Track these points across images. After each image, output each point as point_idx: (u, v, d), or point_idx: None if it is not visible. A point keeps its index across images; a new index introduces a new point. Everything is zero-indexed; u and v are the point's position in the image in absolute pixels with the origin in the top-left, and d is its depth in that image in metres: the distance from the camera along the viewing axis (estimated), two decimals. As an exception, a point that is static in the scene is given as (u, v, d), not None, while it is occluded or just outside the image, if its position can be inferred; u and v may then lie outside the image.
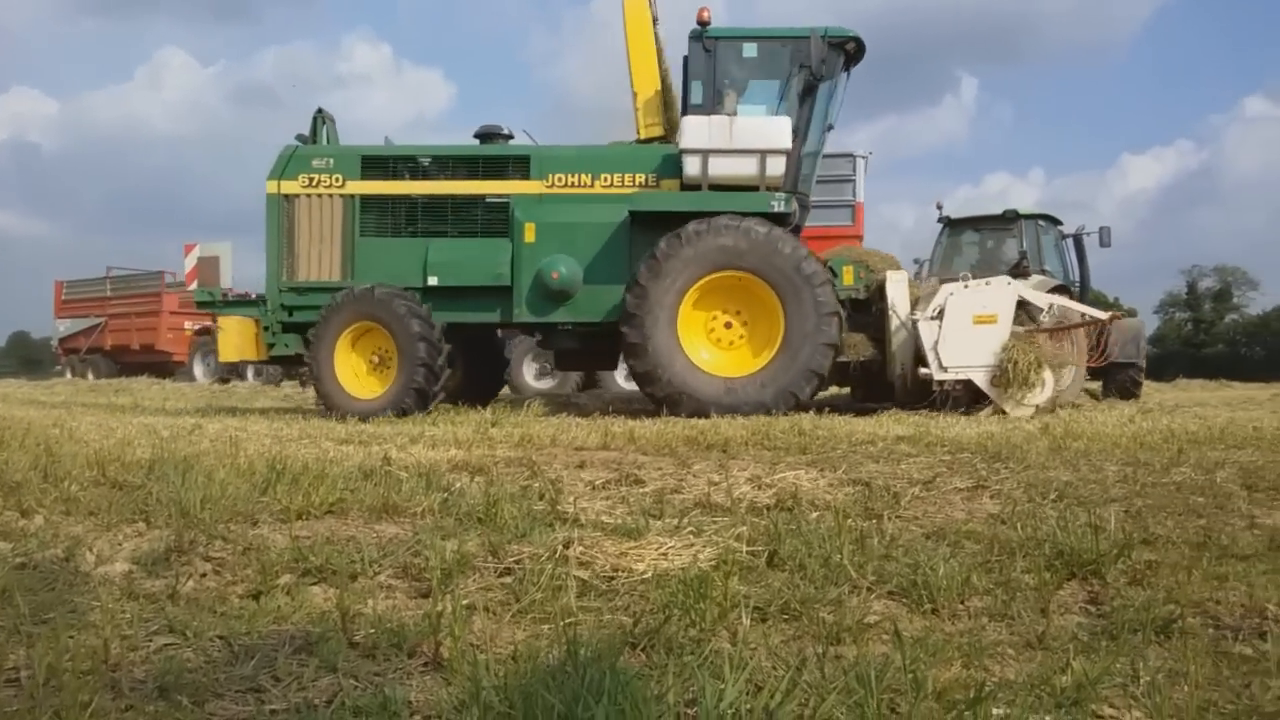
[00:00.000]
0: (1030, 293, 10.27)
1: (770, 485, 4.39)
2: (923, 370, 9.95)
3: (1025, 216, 14.33)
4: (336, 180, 10.70)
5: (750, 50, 10.41)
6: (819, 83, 10.25)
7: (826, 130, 10.76)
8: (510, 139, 11.19)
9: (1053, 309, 10.26)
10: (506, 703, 1.80)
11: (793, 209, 10.09)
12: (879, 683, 1.87)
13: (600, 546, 3.06)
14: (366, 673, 2.10)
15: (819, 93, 10.36)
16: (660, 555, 3.01)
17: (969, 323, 9.79)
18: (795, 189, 10.37)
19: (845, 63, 10.55)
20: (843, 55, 10.44)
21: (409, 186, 10.81)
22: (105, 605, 2.53)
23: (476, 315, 10.62)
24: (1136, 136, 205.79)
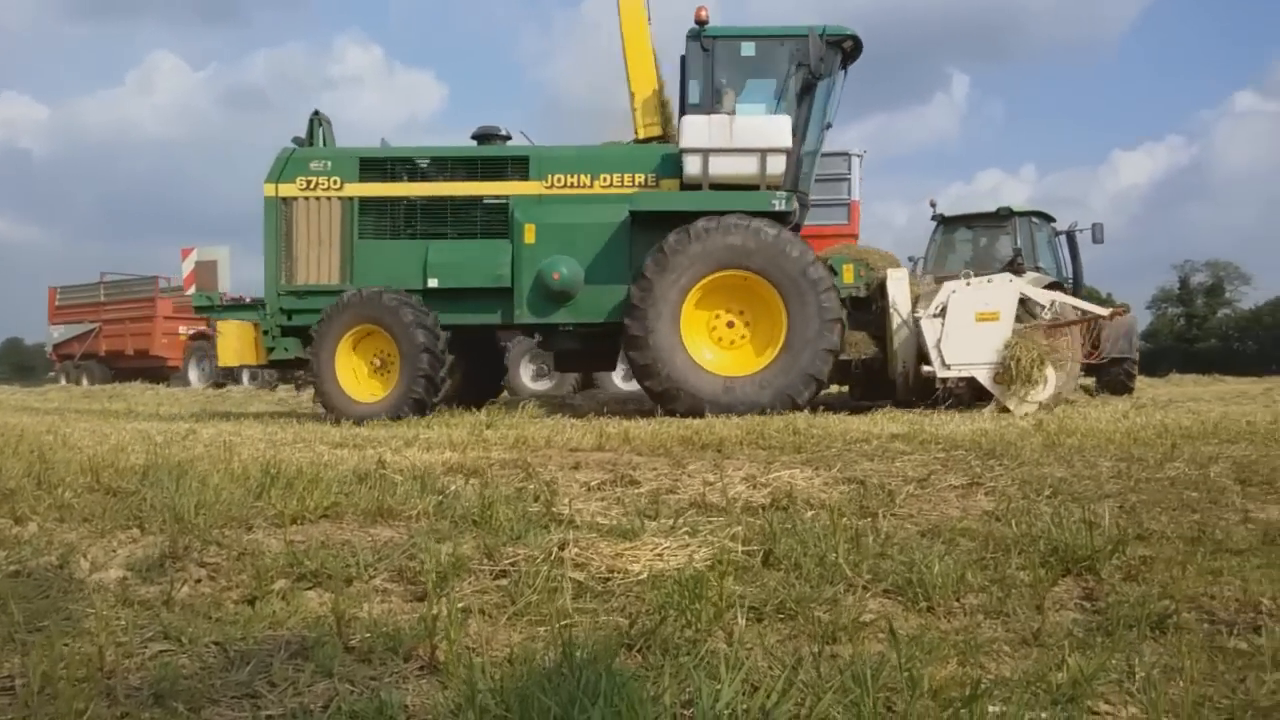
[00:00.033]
0: (1032, 289, 10.29)
1: (765, 484, 4.39)
2: (926, 368, 9.96)
3: (1019, 214, 14.36)
4: (334, 183, 10.64)
5: (748, 49, 10.40)
6: (817, 81, 10.25)
7: (825, 128, 10.76)
8: (508, 140, 11.16)
9: (1054, 305, 10.28)
10: (502, 705, 1.80)
11: (794, 208, 10.10)
12: (875, 681, 1.87)
13: (596, 548, 3.06)
14: (362, 677, 2.10)
15: (817, 91, 10.36)
16: (656, 556, 3.01)
17: (971, 320, 9.81)
18: (796, 187, 10.37)
19: (842, 61, 10.55)
20: (840, 53, 10.44)
21: (408, 188, 10.76)
22: (100, 612, 2.53)
23: (477, 317, 10.59)
24: (1127, 132, 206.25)
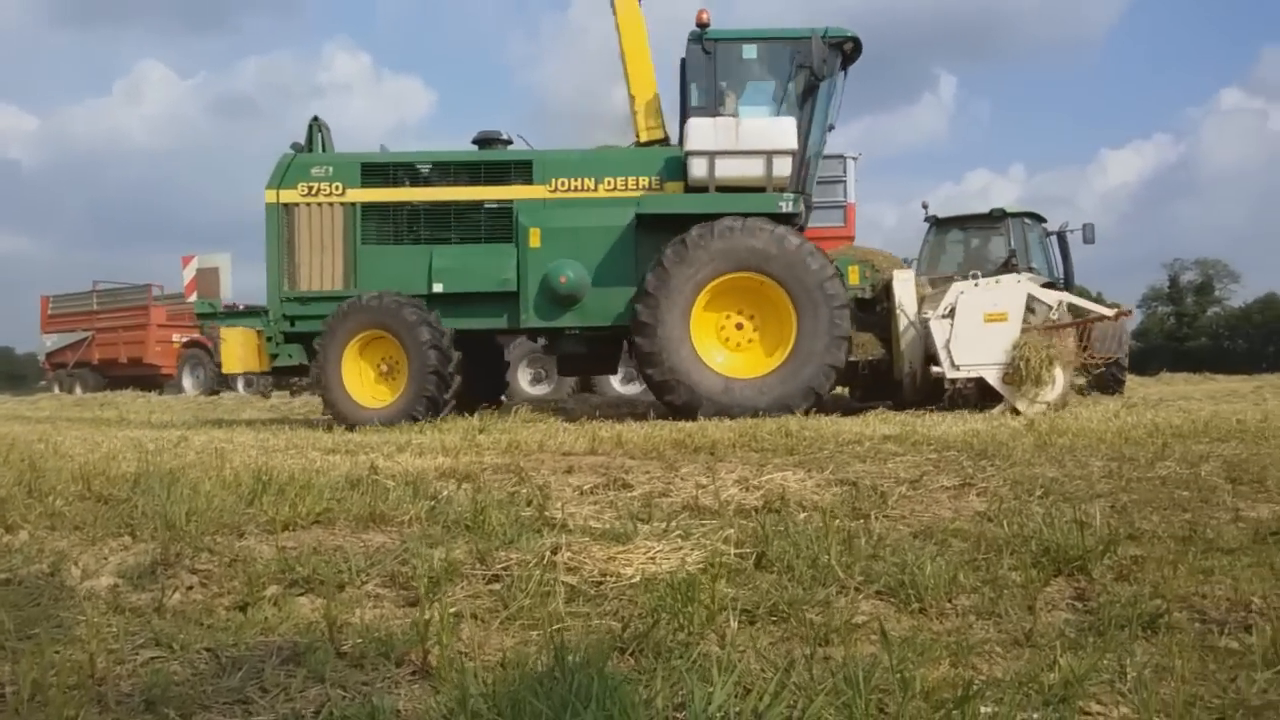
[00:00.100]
0: (1039, 290, 10.32)
1: (758, 487, 4.40)
2: (935, 369, 9.96)
3: (1012, 215, 14.40)
4: (336, 188, 10.59)
5: (750, 51, 10.39)
6: (819, 83, 10.26)
7: (828, 130, 10.74)
8: (509, 144, 11.11)
9: (1061, 306, 10.31)
10: (494, 710, 1.80)
11: (800, 209, 10.12)
12: (867, 683, 1.88)
13: (588, 551, 3.06)
14: (354, 682, 2.10)
15: (819, 93, 10.36)
16: (648, 559, 3.01)
17: (980, 321, 9.84)
18: (801, 189, 10.37)
19: (843, 62, 10.54)
20: (840, 55, 10.44)
21: (410, 193, 10.72)
22: (91, 619, 2.52)
23: (483, 321, 10.55)
24: (1115, 131, 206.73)
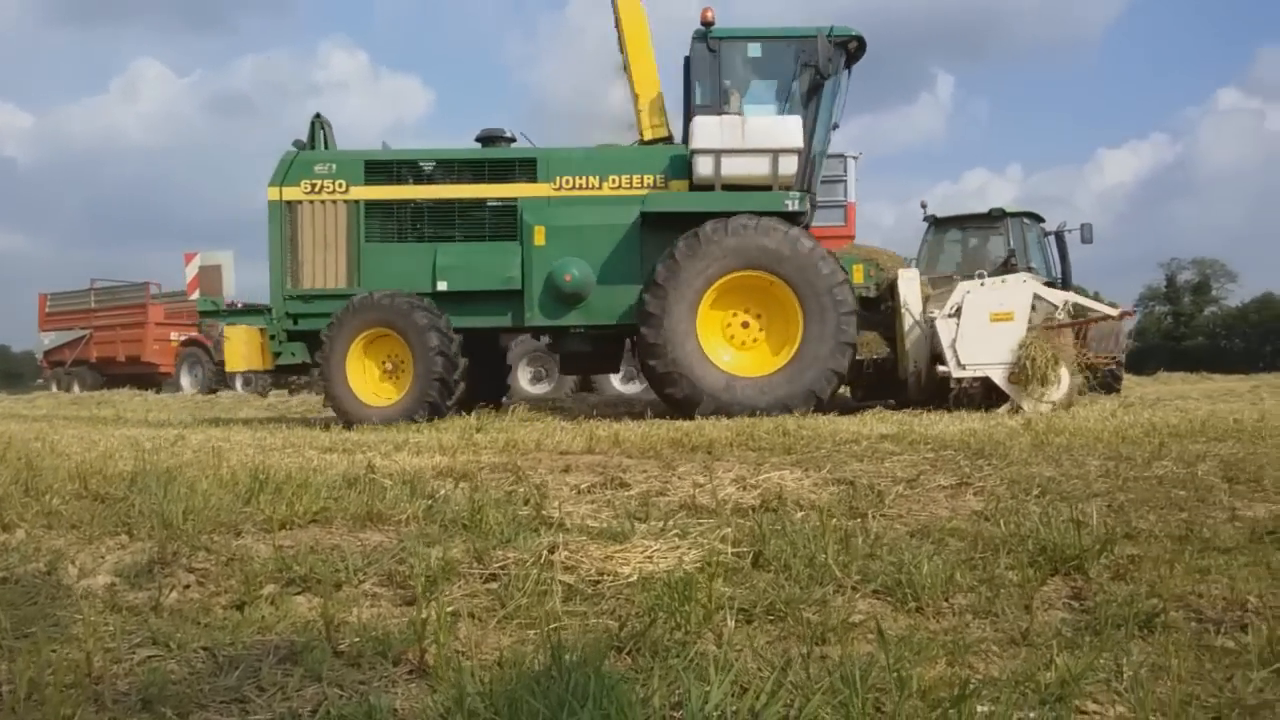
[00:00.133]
0: (1046, 290, 10.32)
1: (755, 486, 4.40)
2: (941, 368, 9.96)
3: (1011, 214, 14.41)
4: (340, 186, 10.53)
5: (755, 50, 10.39)
6: (824, 81, 10.24)
7: (832, 129, 10.72)
8: (513, 142, 11.07)
9: (1067, 305, 10.32)
10: (491, 709, 1.80)
11: (807, 208, 10.12)
12: (864, 682, 1.88)
13: (585, 550, 3.06)
14: (351, 681, 2.10)
15: (824, 91, 10.34)
16: (645, 558, 3.01)
17: (986, 320, 9.83)
18: (807, 188, 10.36)
19: (847, 61, 10.52)
20: (845, 54, 10.41)
21: (414, 191, 10.67)
22: (88, 618, 2.52)
23: (487, 320, 10.53)
24: (1112, 130, 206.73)
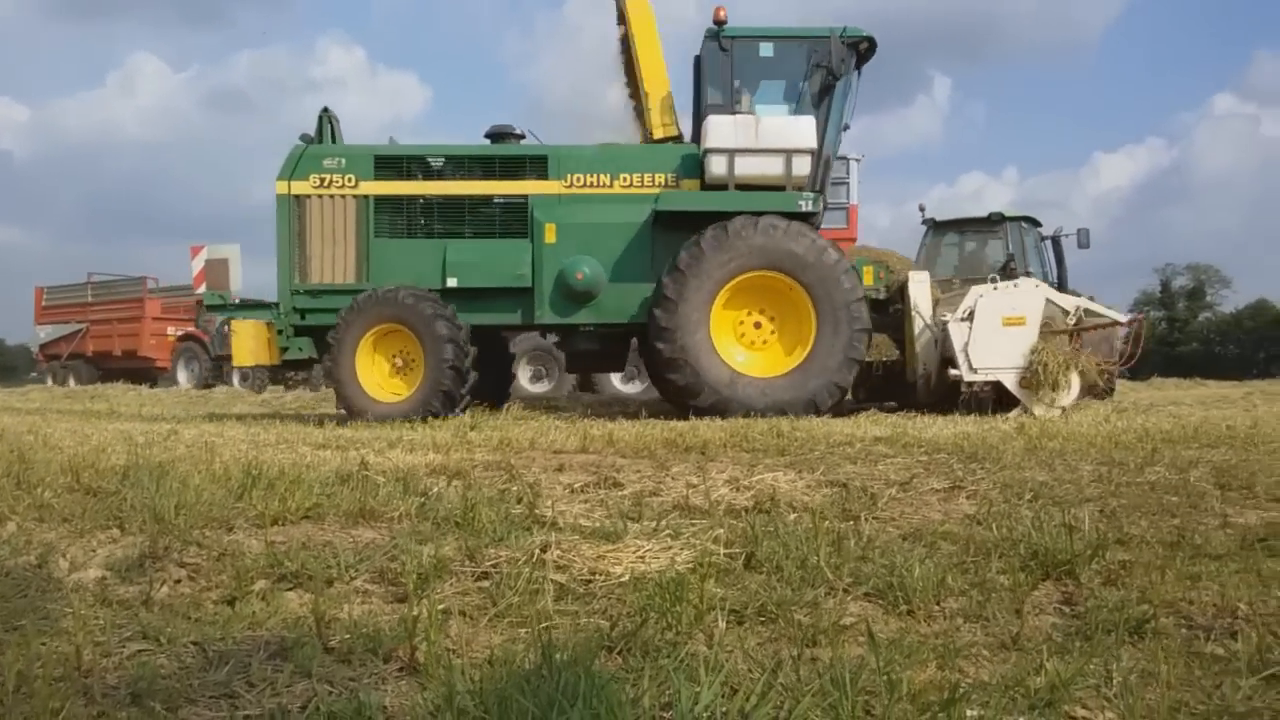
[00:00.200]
0: (1058, 295, 10.34)
1: (748, 487, 4.40)
2: (952, 371, 9.97)
3: (1010, 219, 14.45)
4: (349, 180, 10.47)
5: (767, 49, 10.37)
6: (836, 82, 10.26)
7: (843, 130, 10.72)
8: (522, 139, 11.03)
9: (1079, 311, 10.34)
10: (481, 707, 1.80)
11: (820, 209, 10.13)
12: (854, 685, 1.88)
13: (578, 550, 3.06)
14: (341, 678, 2.09)
15: (835, 92, 10.35)
16: (638, 558, 3.01)
17: (998, 325, 9.85)
18: (820, 188, 10.36)
19: (857, 62, 10.53)
20: (855, 55, 10.42)
21: (424, 187, 10.60)
22: (78, 612, 2.51)
23: (496, 317, 10.51)
24: (1108, 134, 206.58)
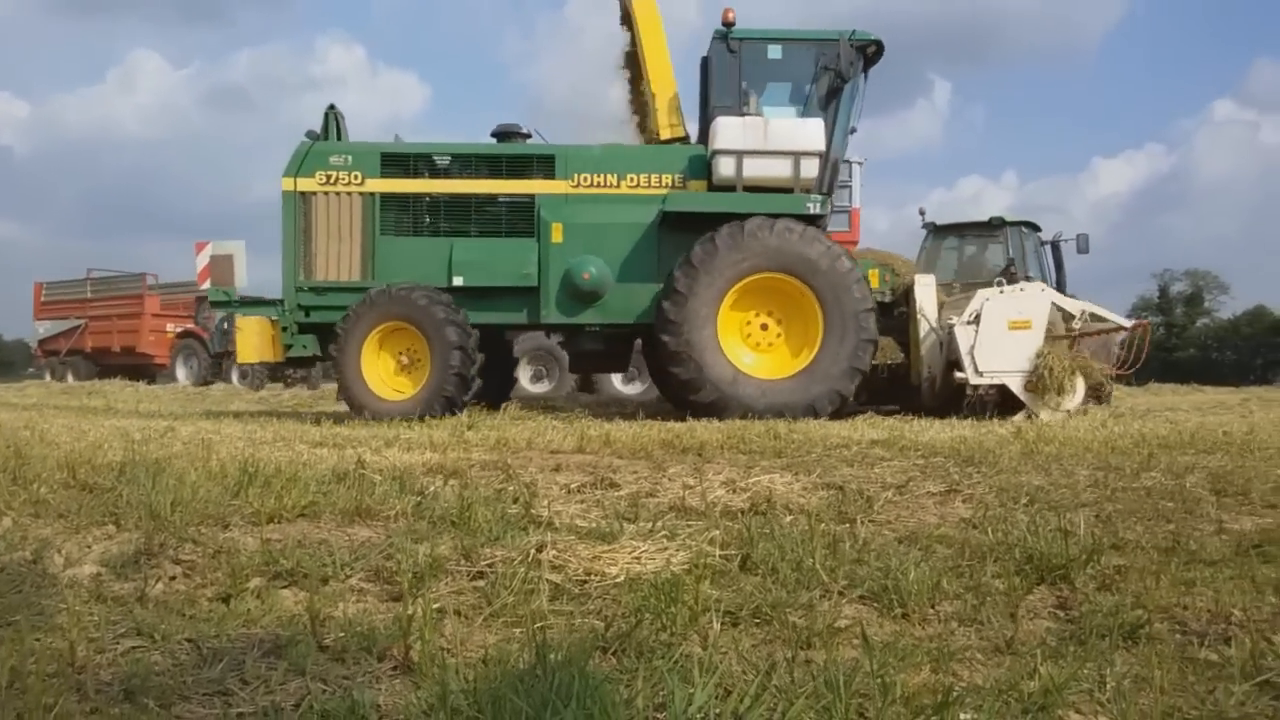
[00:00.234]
0: (1063, 299, 10.36)
1: (745, 489, 4.40)
2: (958, 375, 9.98)
3: (1010, 223, 14.48)
4: (355, 178, 10.45)
5: (775, 52, 10.39)
6: (844, 85, 10.26)
7: (849, 133, 10.74)
8: (528, 138, 11.02)
9: (1084, 315, 10.37)
10: (475, 707, 1.80)
11: (828, 211, 10.14)
12: (848, 687, 1.88)
13: (574, 550, 3.06)
14: (335, 676, 2.09)
15: (843, 95, 10.36)
16: (633, 559, 3.01)
17: (1004, 328, 9.89)
18: (828, 191, 10.36)
19: (864, 65, 10.54)
20: (863, 58, 10.43)
21: (431, 185, 10.59)
22: (72, 608, 2.51)
23: (502, 316, 10.49)
24: (1108, 140, 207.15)
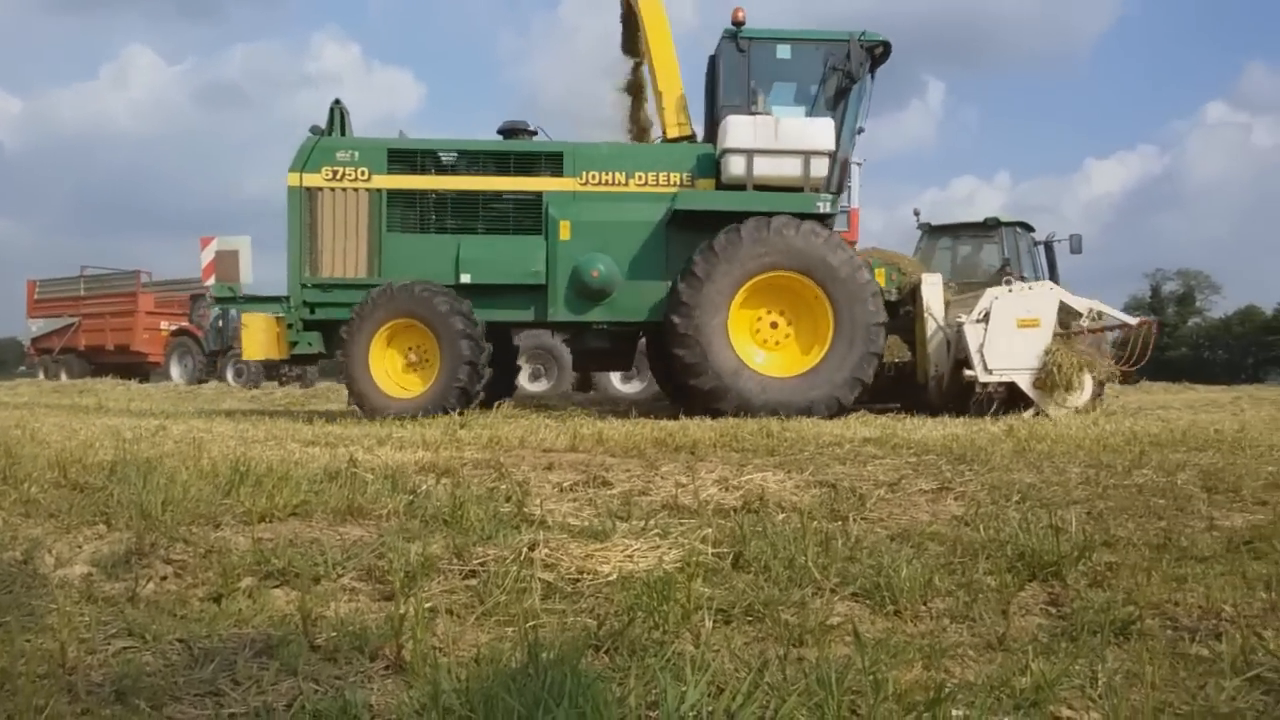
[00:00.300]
0: (1071, 297, 10.40)
1: (737, 487, 4.40)
2: (968, 372, 10.02)
3: (1005, 224, 14.52)
4: (362, 174, 10.35)
5: (784, 52, 10.37)
6: (852, 85, 10.27)
7: (857, 133, 10.72)
8: (535, 135, 10.95)
9: (1092, 313, 10.41)
10: (467, 706, 1.79)
11: (838, 210, 10.17)
12: (840, 684, 1.88)
13: (566, 549, 3.05)
14: (327, 676, 2.09)
15: (851, 95, 10.35)
16: (626, 557, 3.01)
17: (1013, 326, 9.94)
18: (838, 190, 10.35)
19: (871, 66, 10.55)
20: (870, 58, 10.43)
21: (438, 181, 10.51)
22: (63, 608, 2.50)
23: (509, 313, 10.44)
24: (1101, 141, 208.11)
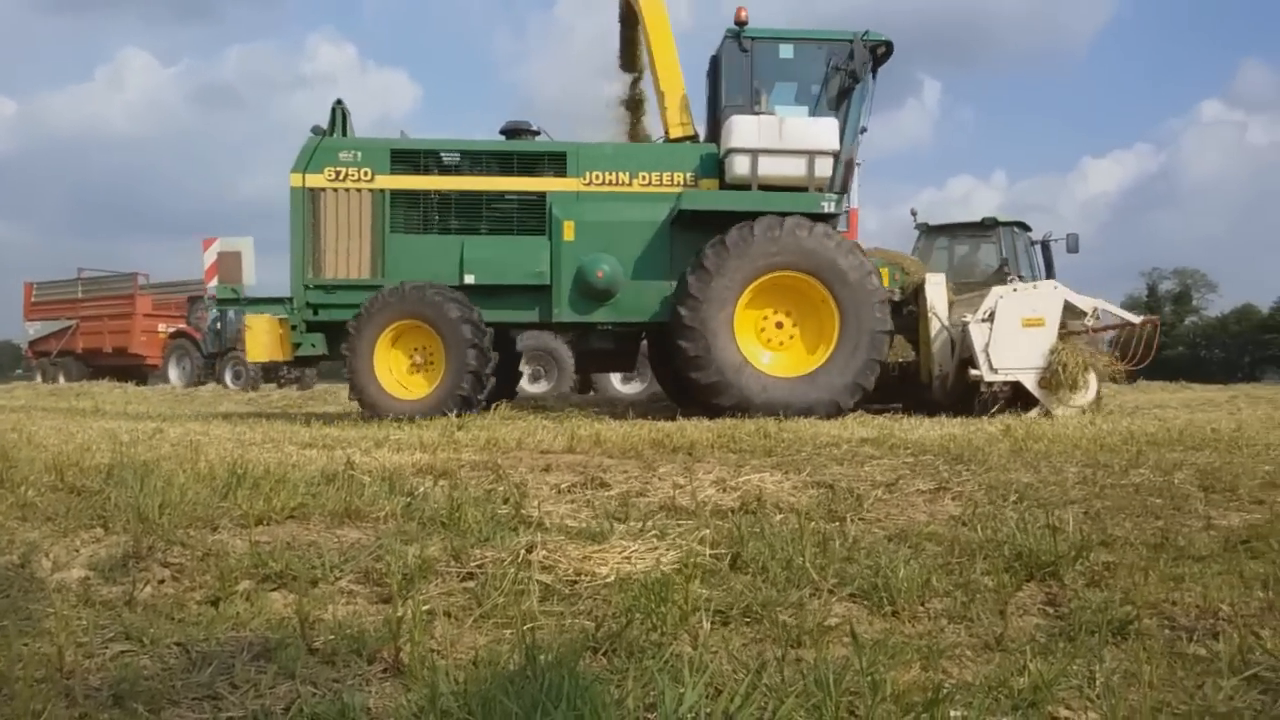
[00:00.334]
0: (1076, 296, 10.43)
1: (735, 488, 4.40)
2: (973, 372, 10.06)
3: (1003, 224, 14.55)
4: (365, 174, 10.31)
5: (787, 51, 10.38)
6: (855, 85, 10.28)
7: (860, 133, 10.72)
8: (538, 135, 10.94)
9: (1096, 313, 10.45)
10: (465, 709, 1.79)
11: (842, 210, 10.17)
12: (838, 685, 1.88)
13: (564, 550, 3.06)
14: (325, 679, 2.09)
15: (854, 95, 10.37)
16: (623, 559, 3.01)
17: (1018, 326, 9.98)
18: (842, 190, 10.37)
19: (873, 65, 10.56)
20: (873, 58, 10.44)
21: (441, 182, 10.49)
22: (60, 612, 2.49)
23: (513, 314, 10.42)
24: (1097, 139, 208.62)
